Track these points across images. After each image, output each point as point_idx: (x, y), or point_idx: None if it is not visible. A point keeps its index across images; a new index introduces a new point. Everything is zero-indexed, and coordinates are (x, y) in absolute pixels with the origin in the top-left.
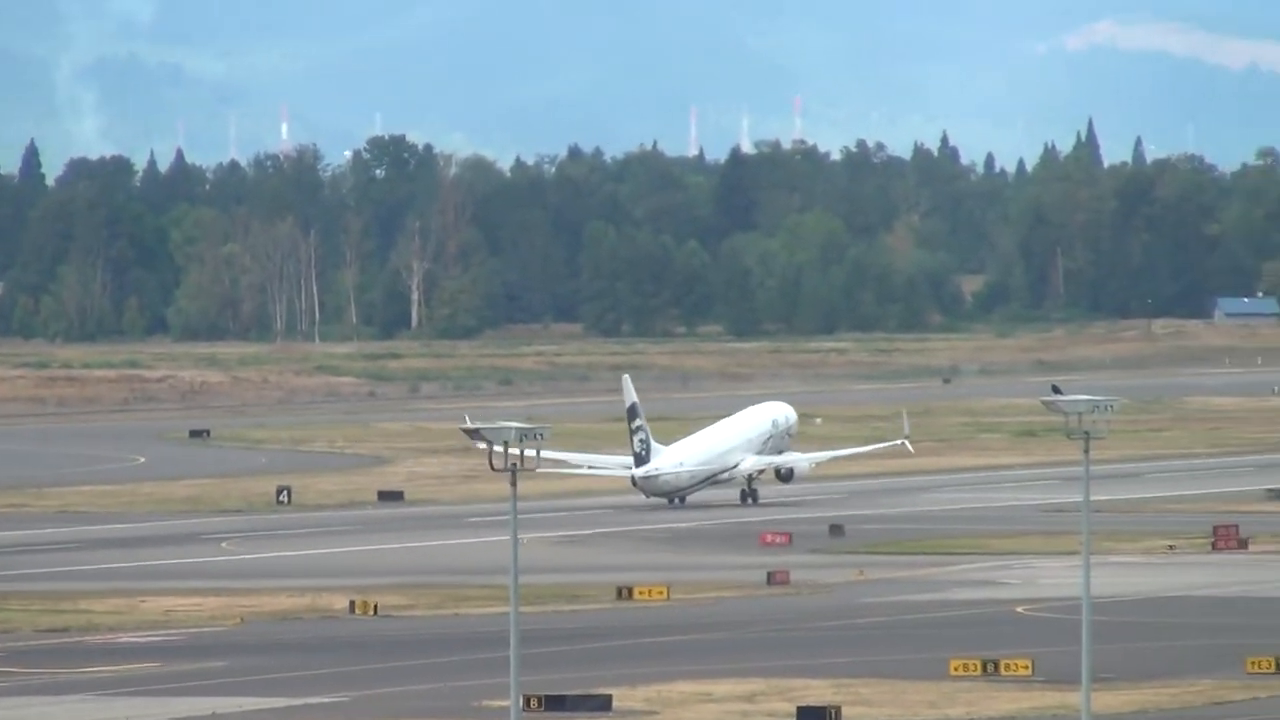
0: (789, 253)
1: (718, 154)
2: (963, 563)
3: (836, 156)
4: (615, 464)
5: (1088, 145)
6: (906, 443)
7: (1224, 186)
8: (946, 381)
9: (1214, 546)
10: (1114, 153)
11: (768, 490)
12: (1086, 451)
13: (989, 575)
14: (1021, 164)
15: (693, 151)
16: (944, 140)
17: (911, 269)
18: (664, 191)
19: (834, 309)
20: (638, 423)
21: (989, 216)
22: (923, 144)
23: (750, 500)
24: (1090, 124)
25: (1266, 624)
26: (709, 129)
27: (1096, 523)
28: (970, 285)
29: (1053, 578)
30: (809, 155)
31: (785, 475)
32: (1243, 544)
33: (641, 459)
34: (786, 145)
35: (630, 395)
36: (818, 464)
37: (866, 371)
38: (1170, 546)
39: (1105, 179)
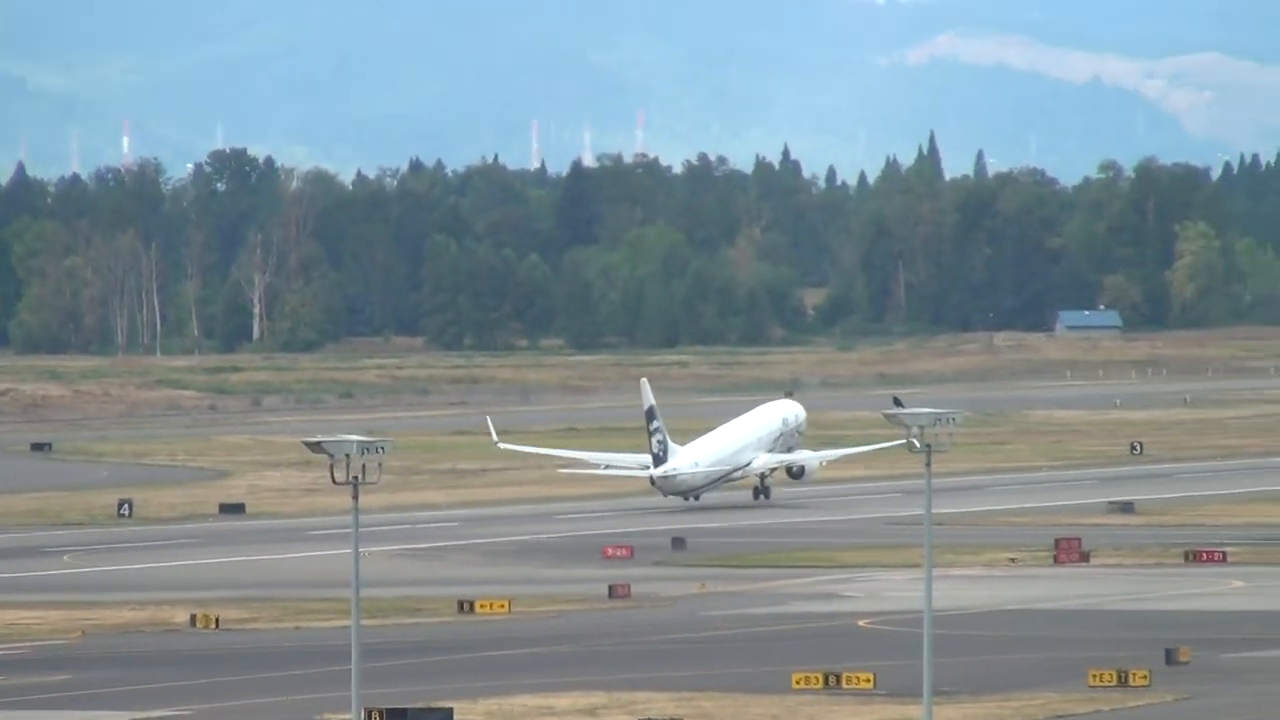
0: (631, 266)
1: (559, 167)
2: (805, 576)
3: (678, 170)
4: (634, 463)
5: (929, 158)
6: (914, 441)
7: (1065, 200)
8: (788, 395)
9: (1056, 559)
10: (956, 166)
11: (781, 491)
12: (928, 464)
13: (831, 588)
14: (863, 177)
15: (534, 165)
16: (786, 153)
17: (753, 282)
18: (506, 205)
19: (676, 322)
20: (655, 424)
21: (831, 230)
22: (764, 157)
23: (763, 497)
24: (932, 137)
25: (1108, 637)
26: (551, 142)
27: (938, 535)
28: (812, 298)
29: (895, 590)
30: (651, 169)
31: (796, 473)
32: (1084, 557)
33: (659, 459)
34: (628, 159)
35: (648, 398)
36: (827, 462)
37: (708, 385)
38: (1012, 559)
39: (947, 192)
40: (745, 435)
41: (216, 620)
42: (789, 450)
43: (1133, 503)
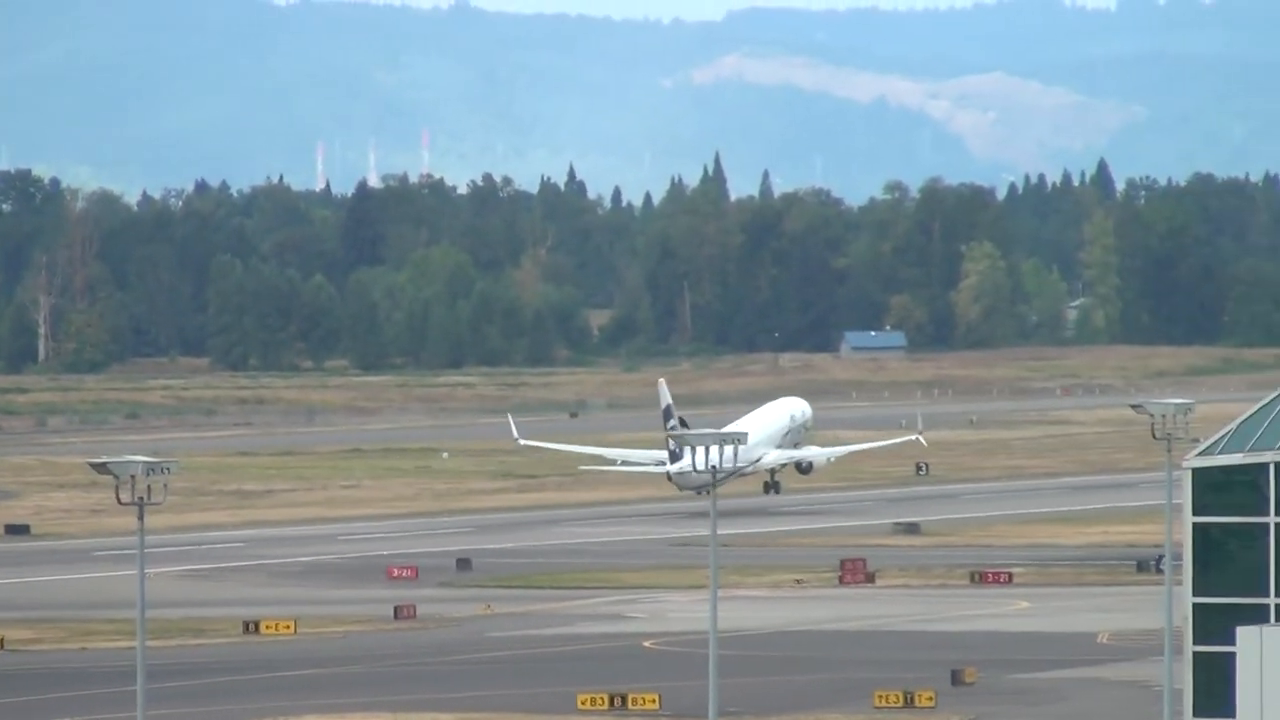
0: (416, 287)
1: (345, 188)
2: (590, 597)
3: (463, 190)
4: (648, 459)
5: (715, 179)
6: (920, 438)
7: (851, 220)
8: (574, 416)
9: (841, 580)
10: (741, 186)
11: (794, 494)
12: (714, 488)
13: (617, 609)
14: (649, 198)
15: (320, 186)
16: (571, 174)
17: (538, 303)
18: (291, 226)
19: (461, 343)
20: (672, 422)
21: (616, 250)
22: (550, 178)
23: (774, 491)
24: (717, 158)
25: (894, 658)
26: (336, 163)
27: (725, 557)
28: (598, 319)
29: (680, 612)
30: (436, 189)
31: (805, 468)
32: (870, 578)
33: (676, 456)
34: (414, 179)
35: (665, 397)
36: (835, 458)
37: (494, 405)
38: (798, 580)
39: (732, 213)
40: (756, 431)
41: (1, 641)
42: (796, 446)
43: (918, 523)
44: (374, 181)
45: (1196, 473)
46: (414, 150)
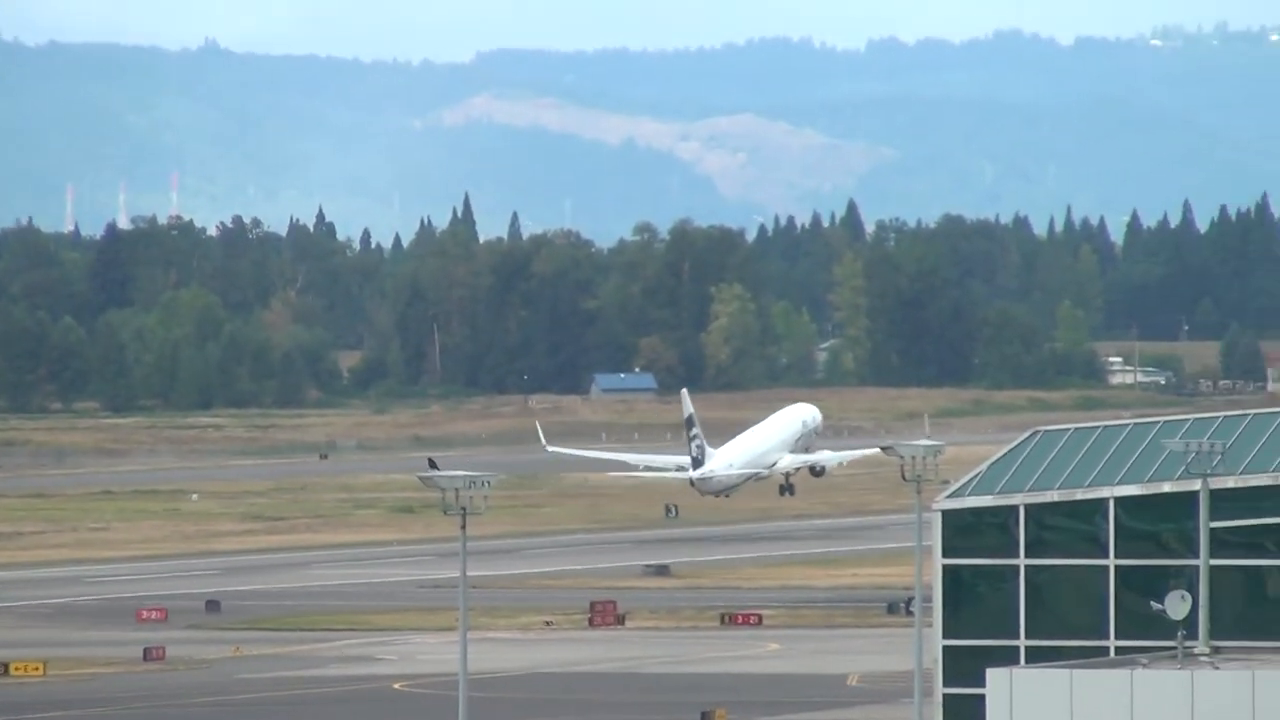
0: (165, 328)
1: (95, 230)
2: (340, 639)
3: (213, 232)
4: (670, 463)
5: (464, 221)
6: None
7: (601, 262)
8: (323, 457)
9: (591, 622)
10: (491, 228)
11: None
12: (463, 527)
13: (367, 651)
14: (398, 240)
15: (69, 228)
16: (320, 216)
17: (288, 344)
18: (40, 268)
19: (210, 384)
20: (694, 431)
21: (366, 292)
22: (299, 220)
23: (789, 494)
24: (466, 199)
25: (644, 700)
26: (86, 206)
27: (475, 599)
28: (348, 361)
29: (431, 654)
30: (185, 231)
31: (818, 472)
32: (620, 620)
33: (698, 462)
34: (163, 221)
35: (688, 407)
36: (847, 462)
37: (243, 447)
38: (548, 622)
39: (482, 254)
40: (771, 437)
41: None
42: (808, 450)
43: (668, 565)
44: (123, 223)
45: (946, 515)
46: (164, 192)
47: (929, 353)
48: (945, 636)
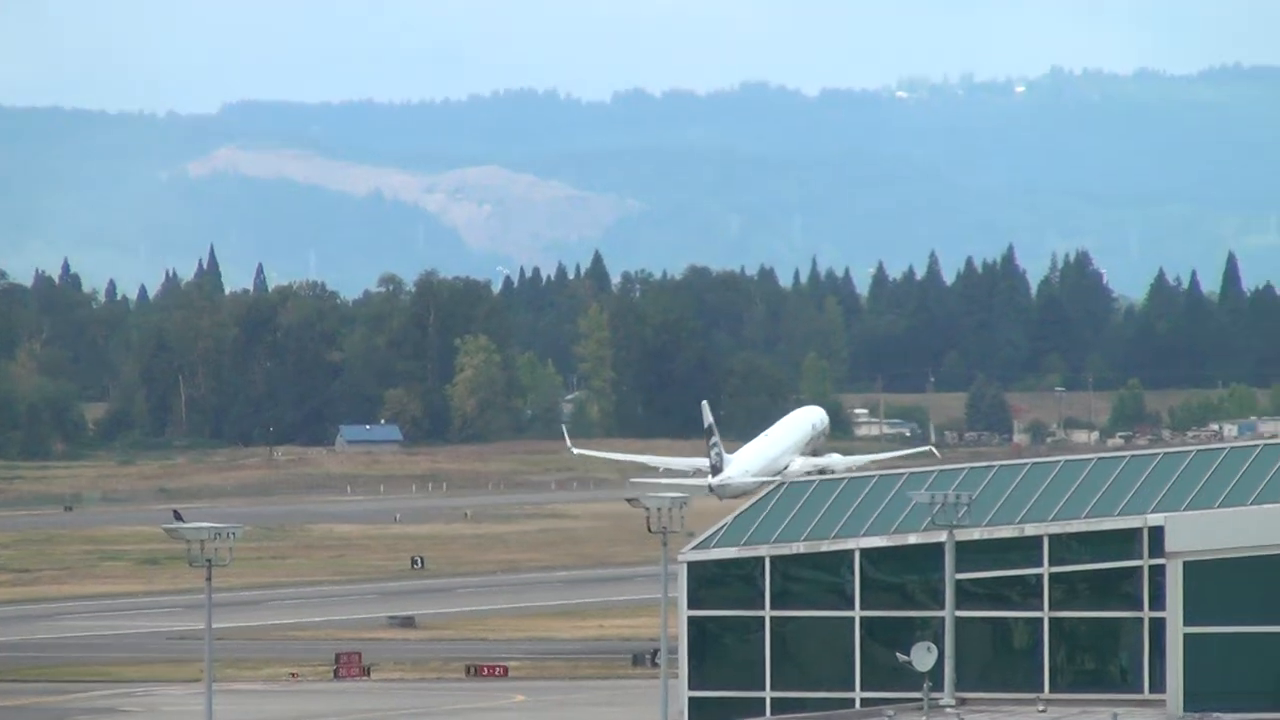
0: None
1: None
2: (85, 691)
3: None
4: (687, 466)
5: (210, 272)
6: (934, 449)
7: (346, 313)
8: (68, 509)
9: (337, 674)
10: (236, 279)
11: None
12: (209, 578)
13: (112, 703)
14: (144, 291)
15: None
16: (66, 268)
17: (34, 396)
18: None
19: None
20: (714, 440)
21: (111, 344)
22: (44, 271)
23: None
24: (212, 251)
25: None
26: None
27: (220, 650)
28: (93, 413)
29: (175, 705)
30: None
31: (827, 475)
32: (365, 671)
33: (716, 469)
34: None
35: (708, 418)
36: (857, 467)
37: None
38: (293, 674)
39: (227, 306)
40: (783, 442)
41: None
42: (816, 453)
43: (414, 617)
44: None
45: (692, 566)
46: None
47: (674, 404)
48: (691, 688)
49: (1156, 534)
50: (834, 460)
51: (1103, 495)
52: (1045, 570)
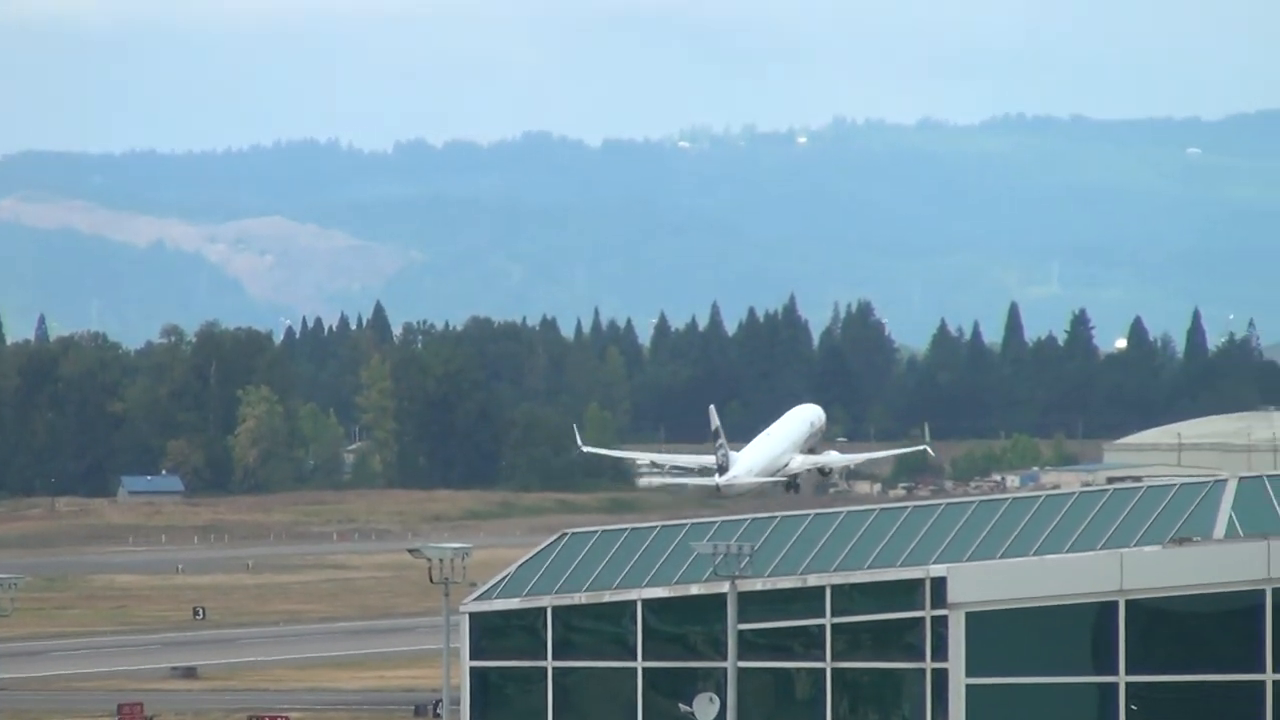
0: None
1: None
2: None
3: None
4: (693, 463)
5: None
6: (929, 449)
7: (129, 364)
8: None
9: None
10: (18, 330)
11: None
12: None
13: None
14: None
15: None
16: None
17: None
18: None
19: None
20: (720, 441)
21: None
22: None
23: (794, 490)
24: None
25: None
26: None
27: (2, 701)
28: None
29: None
30: None
31: (826, 472)
32: None
33: (723, 469)
34: None
35: (714, 420)
36: (855, 464)
37: None
38: None
39: (8, 357)
40: (783, 441)
41: None
42: (814, 451)
43: (196, 667)
44: None
45: (473, 617)
46: None
47: (457, 454)
48: None
49: (939, 585)
50: (831, 457)
51: (885, 546)
52: (828, 621)
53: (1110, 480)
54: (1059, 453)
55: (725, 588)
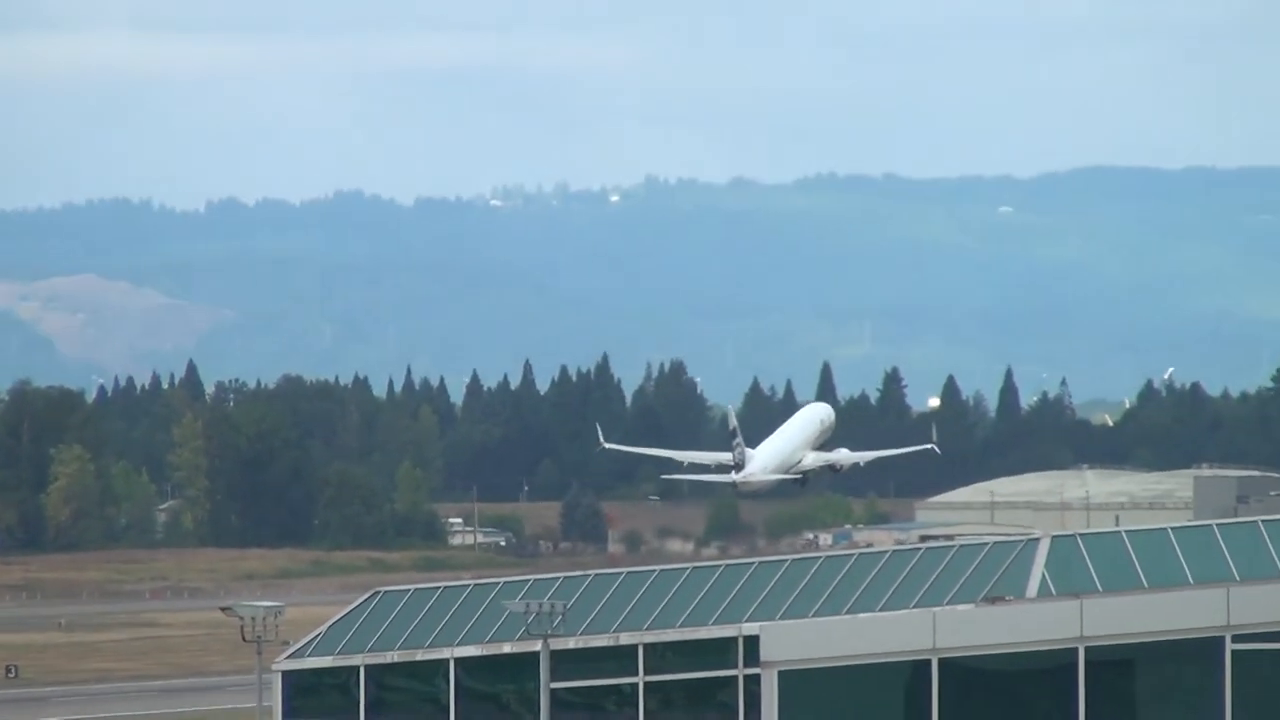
0: None
1: None
2: None
3: None
4: (709, 459)
5: None
6: (935, 447)
7: None
8: None
9: None
10: None
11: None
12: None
13: None
14: None
15: None
16: None
17: None
18: None
19: None
20: (737, 440)
21: None
22: None
23: (802, 485)
24: None
25: None
26: None
27: None
28: None
29: None
30: None
31: (837, 469)
32: None
33: (739, 467)
34: None
35: (732, 420)
36: (865, 462)
37: None
38: None
39: None
40: (796, 438)
41: None
42: (824, 447)
43: None
44: None
45: (286, 675)
46: None
47: (269, 513)
48: None
49: (752, 643)
50: (841, 454)
51: (698, 604)
52: (640, 679)
53: (923, 539)
54: (872, 511)
55: (538, 646)
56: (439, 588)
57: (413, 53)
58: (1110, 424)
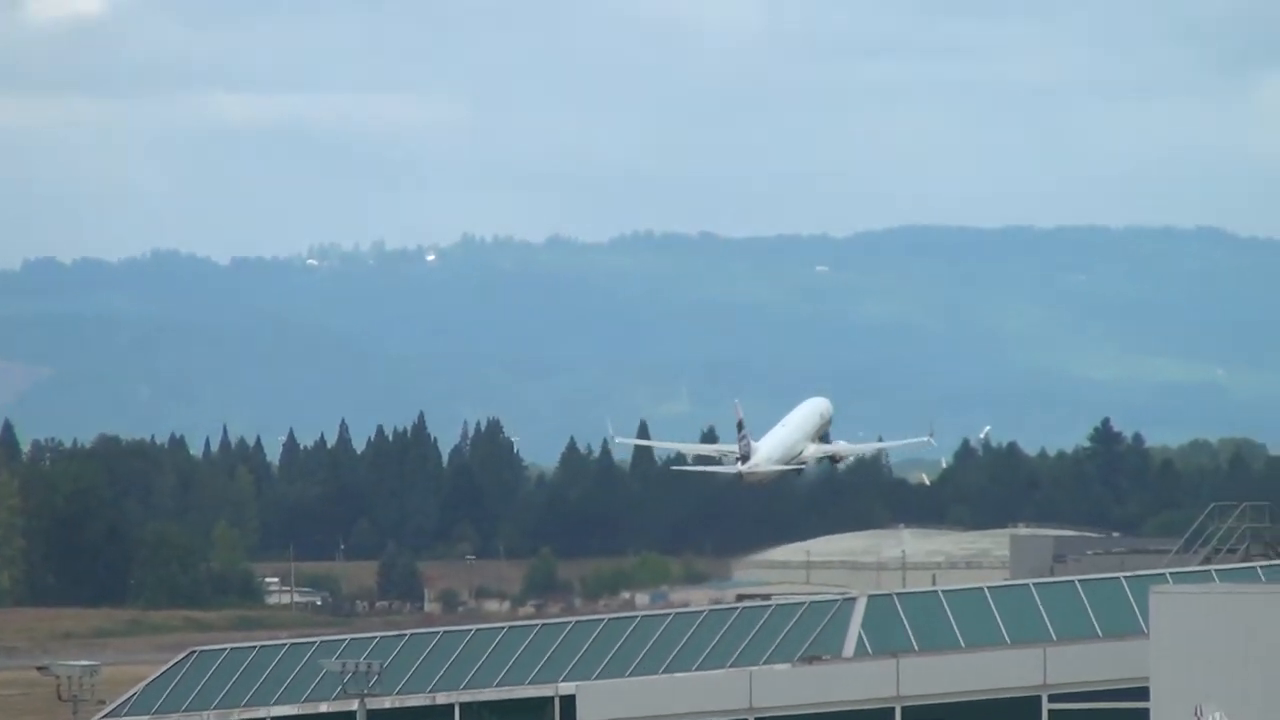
0: None
1: None
2: None
3: None
4: (714, 451)
5: None
6: (931, 439)
7: None
8: None
9: None
10: None
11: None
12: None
13: None
14: None
15: None
16: None
17: None
18: None
19: None
20: (743, 433)
21: None
22: None
23: (798, 474)
24: None
25: None
26: None
27: None
28: None
29: None
30: None
31: (837, 460)
32: None
33: (745, 459)
34: None
35: (739, 413)
36: (869, 455)
37: None
38: None
39: None
40: (798, 431)
41: None
42: (825, 439)
43: None
44: None
45: None
46: None
47: (86, 573)
48: None
49: (568, 703)
50: (841, 446)
51: (515, 663)
52: None
53: (739, 598)
54: (688, 570)
55: (355, 705)
56: (255, 647)
57: (227, 111)
58: (927, 483)
